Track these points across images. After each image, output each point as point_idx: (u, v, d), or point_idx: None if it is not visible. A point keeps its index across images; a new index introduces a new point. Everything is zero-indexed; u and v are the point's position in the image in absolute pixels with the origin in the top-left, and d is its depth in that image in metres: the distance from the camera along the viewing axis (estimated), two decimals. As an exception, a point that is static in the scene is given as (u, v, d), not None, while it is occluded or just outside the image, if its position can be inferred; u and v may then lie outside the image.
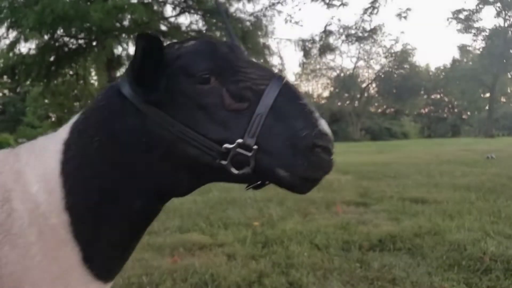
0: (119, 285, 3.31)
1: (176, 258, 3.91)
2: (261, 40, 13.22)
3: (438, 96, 55.56)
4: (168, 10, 11.60)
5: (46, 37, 9.72)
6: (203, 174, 1.10)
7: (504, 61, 38.18)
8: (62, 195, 1.03)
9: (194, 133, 1.03)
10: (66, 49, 10.53)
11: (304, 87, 53.28)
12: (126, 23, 9.79)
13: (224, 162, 1.01)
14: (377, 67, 52.98)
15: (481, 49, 41.91)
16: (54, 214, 1.02)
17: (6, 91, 39.09)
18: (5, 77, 12.52)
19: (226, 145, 1.01)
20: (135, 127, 1.06)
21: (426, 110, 55.67)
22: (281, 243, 4.39)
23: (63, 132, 1.11)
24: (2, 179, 1.04)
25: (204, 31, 11.40)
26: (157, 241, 4.42)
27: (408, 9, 29.02)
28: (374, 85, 54.35)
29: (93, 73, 14.17)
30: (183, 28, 11.42)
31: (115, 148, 1.06)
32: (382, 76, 52.38)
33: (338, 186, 8.47)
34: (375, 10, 14.82)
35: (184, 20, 19.33)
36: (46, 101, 16.70)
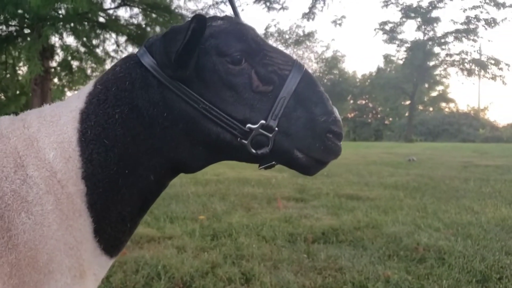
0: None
1: (125, 250, 3.80)
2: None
3: (364, 102, 58.81)
4: (108, 2, 11.14)
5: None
6: (220, 152, 1.12)
7: (423, 71, 41.39)
8: (80, 164, 1.01)
9: (219, 111, 1.05)
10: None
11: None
12: (62, 12, 9.22)
13: (244, 142, 1.06)
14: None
15: (403, 59, 44.97)
16: (71, 182, 0.99)
17: None
18: None
19: (250, 125, 1.05)
20: (157, 100, 1.06)
21: (352, 114, 58.60)
22: (230, 236, 4.43)
23: (77, 101, 1.08)
24: (13, 145, 0.99)
25: (143, 26, 11.06)
26: (102, 233, 4.25)
27: (343, 17, 30.31)
28: (305, 88, 56.01)
29: (21, 63, 13.08)
30: (122, 21, 11.00)
31: (136, 120, 1.05)
32: (313, 80, 54.19)
33: (276, 183, 8.68)
34: (312, 16, 15.29)
35: (124, 13, 18.51)
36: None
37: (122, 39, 11.12)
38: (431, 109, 55.38)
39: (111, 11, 11.09)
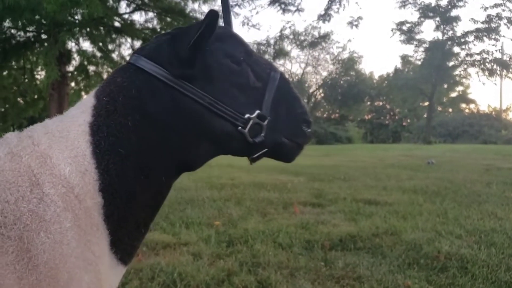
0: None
1: (140, 257, 3.79)
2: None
3: (381, 103, 58.13)
4: (123, 6, 11.22)
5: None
6: (221, 145, 1.21)
7: (442, 72, 40.62)
8: (96, 176, 1.01)
9: (222, 104, 1.16)
10: (13, 41, 9.84)
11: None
12: (78, 17, 9.33)
13: (244, 130, 1.18)
14: (325, 74, 54.46)
15: (421, 60, 44.14)
16: (89, 196, 0.99)
17: None
18: None
19: (248, 115, 1.19)
20: (165, 102, 1.11)
21: (369, 116, 57.99)
22: (245, 242, 4.39)
23: (83, 115, 1.08)
24: (26, 163, 0.97)
25: (159, 30, 11.12)
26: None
27: (360, 18, 29.90)
28: (321, 90, 55.76)
29: (39, 68, 13.30)
30: (137, 26, 11.07)
31: (148, 125, 1.09)
32: (329, 82, 53.83)
33: (292, 187, 8.61)
34: (328, 18, 15.15)
35: (139, 17, 18.72)
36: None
37: (138, 43, 11.20)
38: (450, 110, 54.39)
39: (126, 16, 11.19)
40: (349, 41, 61.26)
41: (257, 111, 1.20)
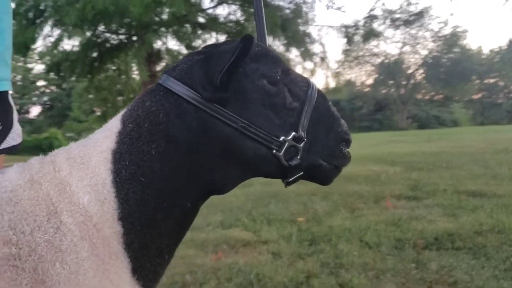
0: (162, 283, 3.23)
1: (220, 255, 3.80)
2: (301, 28, 12.84)
3: (492, 80, 52.60)
4: (206, 2, 11.58)
5: (88, 34, 9.92)
6: (254, 168, 1.15)
7: None
8: (116, 205, 0.99)
9: (256, 127, 1.10)
10: (108, 45, 10.72)
11: (347, 74, 51.96)
12: (164, 16, 9.80)
13: (279, 153, 1.12)
14: (424, 52, 50.84)
15: (540, 29, 39.15)
16: (107, 225, 0.97)
17: (53, 88, 40.79)
18: (51, 74, 12.92)
19: (284, 137, 1.12)
20: (195, 126, 1.07)
21: (479, 95, 52.85)
22: (329, 241, 4.18)
23: (107, 141, 1.06)
24: (45, 191, 0.97)
25: (242, 22, 11.24)
26: (200, 237, 4.34)
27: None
28: (421, 71, 52.25)
29: (134, 68, 14.38)
30: (221, 20, 11.32)
31: (174, 151, 1.06)
32: (430, 61, 50.19)
33: (386, 178, 8.11)
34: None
35: (222, 11, 19.23)
36: (91, 96, 17.15)
37: (222, 37, 11.45)
38: None
39: (210, 11, 11.48)
40: (451, 15, 56.39)
41: (293, 133, 1.14)
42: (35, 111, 44.78)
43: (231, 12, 11.41)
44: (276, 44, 12.20)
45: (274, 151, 1.11)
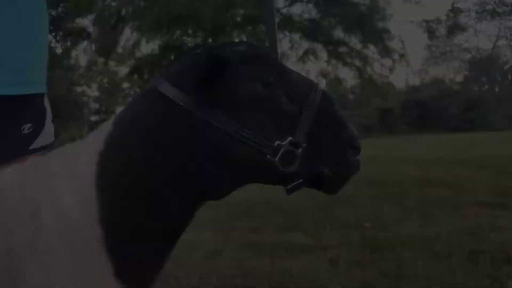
0: (211, 284, 3.26)
1: (274, 259, 3.73)
2: (379, 24, 12.35)
3: None
4: (280, 1, 11.58)
5: (165, 37, 10.47)
6: (248, 174, 1.10)
7: None
8: (98, 208, 0.97)
9: (249, 132, 1.05)
10: (185, 48, 11.22)
11: (433, 71, 48.83)
12: (238, 19, 10.02)
13: (273, 159, 1.06)
14: (522, 46, 46.12)
15: None
16: (88, 227, 0.96)
17: (137, 89, 43.62)
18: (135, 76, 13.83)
19: (278, 142, 1.06)
20: (185, 130, 1.04)
21: None
22: (393, 249, 3.91)
23: (96, 142, 1.05)
24: (32, 191, 0.99)
25: (317, 20, 11.08)
26: (257, 239, 4.30)
27: None
28: (519, 66, 47.49)
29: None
30: (296, 18, 11.30)
31: (163, 156, 1.03)
32: (530, 55, 45.42)
33: (470, 183, 7.45)
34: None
35: (296, 10, 19.18)
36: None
37: (296, 36, 11.42)
38: None
39: (284, 10, 11.49)
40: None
41: (289, 138, 1.07)
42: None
43: (305, 10, 11.37)
44: (352, 41, 11.87)
45: (268, 156, 1.06)
